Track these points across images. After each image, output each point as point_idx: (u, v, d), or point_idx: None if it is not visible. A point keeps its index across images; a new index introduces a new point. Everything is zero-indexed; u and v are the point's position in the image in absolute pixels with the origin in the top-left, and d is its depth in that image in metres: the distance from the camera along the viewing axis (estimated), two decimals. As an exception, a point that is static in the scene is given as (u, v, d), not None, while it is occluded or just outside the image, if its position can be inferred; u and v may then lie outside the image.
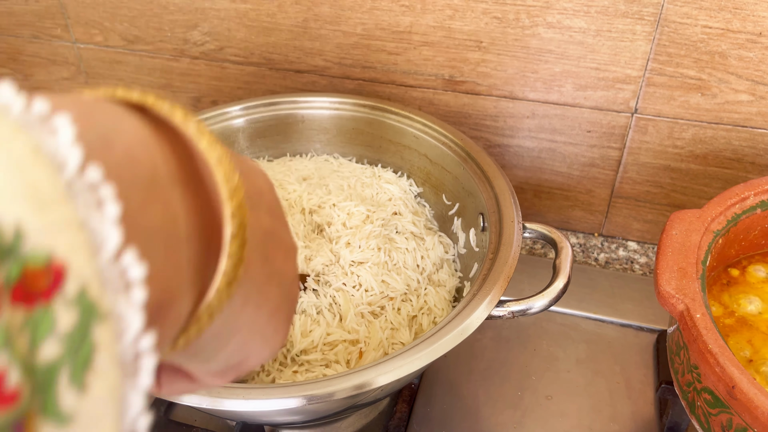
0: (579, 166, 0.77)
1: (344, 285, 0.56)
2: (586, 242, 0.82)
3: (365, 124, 0.70)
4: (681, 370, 0.50)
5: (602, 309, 0.72)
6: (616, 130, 0.73)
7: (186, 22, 0.80)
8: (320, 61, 0.78)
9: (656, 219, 0.79)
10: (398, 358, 0.43)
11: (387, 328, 0.53)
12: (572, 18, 0.66)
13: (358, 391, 0.42)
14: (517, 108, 0.75)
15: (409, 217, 0.64)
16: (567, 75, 0.70)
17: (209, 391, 0.42)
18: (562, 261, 0.50)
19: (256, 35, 0.78)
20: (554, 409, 0.63)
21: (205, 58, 0.82)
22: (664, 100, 0.69)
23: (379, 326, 0.53)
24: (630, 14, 0.65)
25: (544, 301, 0.47)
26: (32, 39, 0.88)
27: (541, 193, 0.81)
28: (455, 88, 0.75)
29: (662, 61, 0.67)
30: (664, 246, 0.50)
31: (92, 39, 0.85)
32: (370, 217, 0.61)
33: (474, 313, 0.45)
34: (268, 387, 0.42)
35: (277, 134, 0.71)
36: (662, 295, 0.47)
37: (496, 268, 0.49)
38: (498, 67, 0.72)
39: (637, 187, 0.77)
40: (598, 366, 0.67)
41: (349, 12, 0.73)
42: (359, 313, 0.54)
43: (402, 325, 0.55)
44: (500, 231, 0.53)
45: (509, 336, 0.70)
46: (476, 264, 0.59)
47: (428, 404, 0.63)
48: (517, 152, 0.79)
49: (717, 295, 0.56)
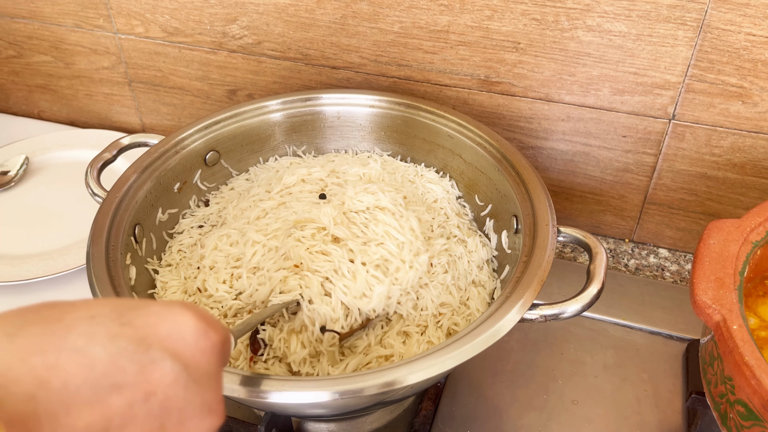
0: (612, 170, 0.77)
1: (399, 304, 0.55)
2: (616, 248, 0.82)
3: (400, 122, 0.70)
4: (714, 381, 0.49)
5: (631, 315, 0.72)
6: (653, 135, 0.72)
7: (225, 16, 0.81)
8: (356, 58, 0.78)
9: (689, 227, 0.78)
10: (429, 358, 0.43)
11: (423, 342, 0.53)
12: (613, 22, 0.66)
13: (388, 388, 0.42)
14: (552, 110, 0.74)
15: (454, 220, 0.64)
16: (604, 79, 0.70)
17: (245, 380, 0.42)
18: (596, 267, 0.49)
19: (294, 30, 0.79)
20: (580, 414, 0.63)
21: (242, 52, 0.83)
22: (703, 107, 0.68)
23: (416, 340, 0.53)
24: (672, 19, 0.64)
25: (577, 306, 0.47)
26: (75, 28, 0.90)
27: (572, 196, 0.81)
28: (490, 88, 0.75)
29: (703, 67, 0.66)
30: (702, 255, 0.50)
31: (133, 30, 0.87)
32: (432, 228, 0.61)
33: (506, 316, 0.45)
34: (302, 380, 0.43)
35: (312, 129, 0.72)
36: (698, 304, 0.47)
37: (529, 272, 0.49)
38: (535, 68, 0.72)
39: (671, 194, 0.76)
40: (625, 373, 0.66)
41: (388, 10, 0.73)
42: (402, 332, 0.55)
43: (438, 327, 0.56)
44: (534, 234, 0.53)
45: (536, 338, 0.69)
46: (508, 266, 0.59)
47: (453, 403, 0.63)
48: (550, 155, 0.78)
49: (753, 306, 0.55)
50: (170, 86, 0.91)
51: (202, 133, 0.67)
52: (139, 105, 0.96)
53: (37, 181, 0.90)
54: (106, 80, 0.95)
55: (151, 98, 0.94)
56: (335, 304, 0.51)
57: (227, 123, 0.68)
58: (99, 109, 0.99)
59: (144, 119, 0.97)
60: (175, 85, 0.91)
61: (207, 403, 0.31)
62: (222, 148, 0.69)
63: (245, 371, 0.45)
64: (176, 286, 0.59)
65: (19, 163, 0.90)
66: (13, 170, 0.90)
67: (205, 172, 0.68)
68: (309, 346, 0.51)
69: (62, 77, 0.97)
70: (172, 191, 0.65)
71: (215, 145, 0.68)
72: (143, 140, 0.67)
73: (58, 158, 0.93)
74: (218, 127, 0.68)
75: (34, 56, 0.96)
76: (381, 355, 0.52)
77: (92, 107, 0.99)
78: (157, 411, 0.28)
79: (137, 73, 0.92)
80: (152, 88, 0.92)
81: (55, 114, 1.03)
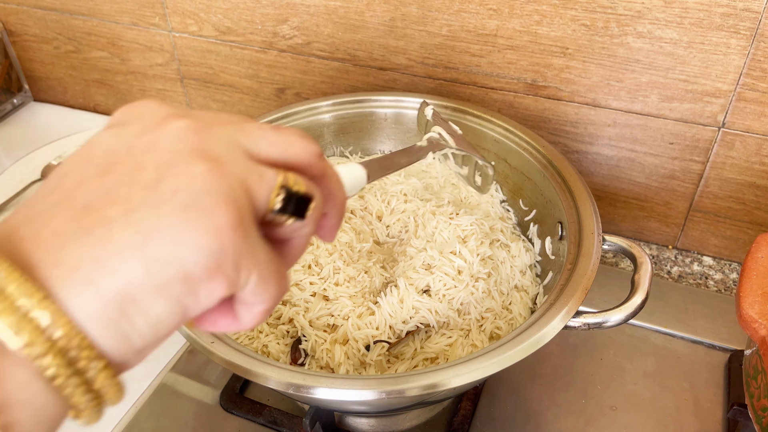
0: (658, 177, 0.76)
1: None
2: (659, 254, 0.81)
3: (446, 126, 0.71)
4: (757, 394, 0.49)
5: (673, 323, 0.71)
6: (701, 143, 0.72)
7: (277, 16, 0.82)
8: (403, 60, 0.80)
9: (736, 236, 0.77)
10: (473, 362, 0.44)
11: (467, 345, 0.55)
12: (664, 29, 0.65)
13: (431, 390, 0.44)
14: (598, 116, 0.74)
15: (498, 224, 0.65)
16: (653, 86, 0.70)
17: (294, 375, 0.44)
18: (641, 277, 0.50)
19: (343, 32, 0.80)
20: (619, 421, 0.63)
21: (292, 52, 0.85)
22: (754, 116, 0.68)
23: (460, 343, 0.55)
24: (725, 27, 0.63)
25: (621, 315, 0.48)
26: (131, 26, 0.93)
27: (616, 201, 0.81)
28: (537, 92, 0.75)
29: (756, 76, 0.65)
30: (749, 269, 0.50)
31: (187, 28, 0.89)
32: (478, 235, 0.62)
33: (550, 324, 0.46)
34: (349, 378, 0.44)
35: (360, 131, 0.73)
36: (744, 318, 0.47)
37: (574, 280, 0.49)
38: (582, 74, 0.72)
39: (717, 202, 0.75)
40: (666, 381, 0.66)
41: (436, 13, 0.74)
42: (445, 335, 0.56)
43: (481, 331, 0.57)
44: (579, 242, 0.53)
45: (576, 343, 0.70)
46: (551, 272, 0.60)
47: (492, 404, 0.64)
48: (594, 159, 0.78)
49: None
50: (220, 83, 0.93)
51: (254, 133, 0.69)
52: (190, 101, 0.98)
53: (92, 173, 0.94)
54: (159, 76, 0.98)
55: (202, 95, 0.97)
56: (379, 322, 0.53)
57: (279, 123, 0.70)
58: (152, 103, 1.02)
59: (194, 115, 1.00)
60: (225, 83, 0.93)
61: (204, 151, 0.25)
62: (273, 148, 0.71)
63: (293, 367, 0.47)
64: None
65: (76, 155, 0.94)
66: (70, 162, 0.94)
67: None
68: (353, 357, 0.53)
69: (118, 72, 1.01)
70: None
71: (266, 145, 0.70)
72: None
73: (112, 151, 0.97)
74: (270, 127, 0.70)
75: (92, 52, 1.00)
76: (426, 357, 0.54)
77: (145, 102, 1.03)
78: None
79: (189, 70, 0.94)
80: (203, 85, 0.95)
81: (110, 108, 1.07)
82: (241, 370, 0.44)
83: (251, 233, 0.25)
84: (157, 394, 0.66)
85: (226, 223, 0.23)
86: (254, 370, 0.44)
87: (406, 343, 0.55)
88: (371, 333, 0.53)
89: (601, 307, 0.71)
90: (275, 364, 0.45)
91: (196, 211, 0.23)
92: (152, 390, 0.66)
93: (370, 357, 0.53)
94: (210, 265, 0.23)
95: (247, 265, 0.25)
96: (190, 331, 0.47)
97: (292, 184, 0.26)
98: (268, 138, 0.27)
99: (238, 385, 0.65)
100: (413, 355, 0.55)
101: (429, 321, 0.55)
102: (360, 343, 0.53)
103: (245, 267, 0.24)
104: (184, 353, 0.70)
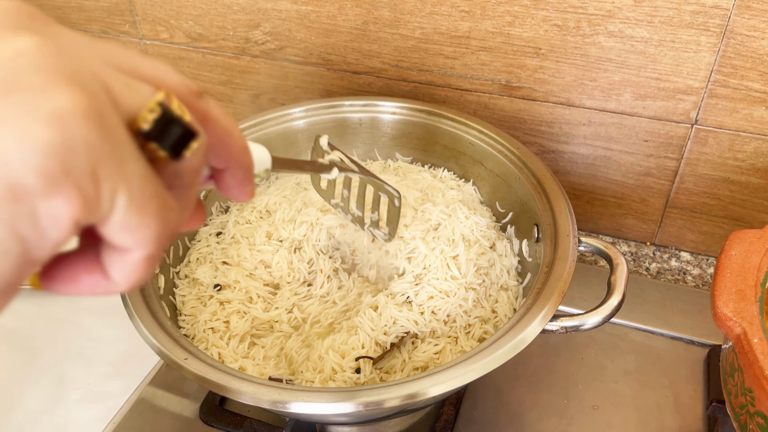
0: (634, 174, 0.77)
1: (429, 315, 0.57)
2: (638, 251, 0.82)
3: (422, 129, 0.71)
4: (734, 391, 0.50)
5: (652, 320, 0.72)
6: (675, 140, 0.72)
7: (248, 22, 0.82)
8: (377, 63, 0.79)
9: (712, 231, 0.78)
10: (451, 370, 0.44)
11: (456, 352, 0.54)
12: (635, 27, 0.66)
13: (410, 400, 0.43)
14: (573, 115, 0.74)
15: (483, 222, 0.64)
16: (626, 84, 0.70)
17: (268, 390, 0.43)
18: (617, 278, 0.50)
19: (316, 36, 0.80)
20: (600, 420, 0.63)
21: (265, 57, 0.84)
22: (726, 112, 0.68)
23: (449, 350, 0.54)
24: (695, 25, 0.64)
25: (598, 318, 0.48)
26: (101, 34, 0.92)
27: (594, 200, 0.81)
28: (511, 93, 0.75)
29: (726, 73, 0.66)
30: (723, 267, 0.50)
31: (158, 36, 0.88)
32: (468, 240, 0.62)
33: (527, 328, 0.46)
34: (325, 391, 0.44)
35: (336, 136, 0.73)
36: (719, 317, 0.47)
37: (550, 283, 0.49)
38: (556, 74, 0.72)
39: (693, 198, 0.76)
40: (646, 378, 0.66)
41: (409, 16, 0.73)
42: (433, 343, 0.56)
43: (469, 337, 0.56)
44: (555, 244, 0.53)
45: (557, 343, 0.70)
46: (529, 274, 0.59)
47: (474, 408, 0.64)
48: (571, 159, 0.78)
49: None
50: (194, 90, 0.92)
51: (227, 142, 0.68)
52: (164, 108, 0.97)
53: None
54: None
55: (176, 102, 0.95)
56: (363, 340, 0.53)
57: (252, 131, 0.69)
58: (125, 112, 1.01)
59: (169, 122, 0.99)
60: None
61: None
62: (246, 156, 0.70)
63: (267, 381, 0.46)
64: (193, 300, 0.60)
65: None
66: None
67: (230, 179, 0.69)
68: (349, 382, 0.52)
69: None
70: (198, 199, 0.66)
71: (240, 153, 0.69)
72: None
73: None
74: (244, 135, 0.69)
75: (62, 61, 0.98)
76: (416, 367, 0.53)
77: (118, 111, 1.01)
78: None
79: (162, 78, 0.93)
80: (177, 92, 0.94)
81: (82, 117, 1.05)
82: (215, 386, 0.44)
83: (115, 132, 0.18)
84: (135, 409, 0.65)
85: (69, 107, 0.17)
86: (229, 385, 0.43)
87: (393, 355, 0.54)
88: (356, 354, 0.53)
89: (581, 306, 0.72)
90: (251, 379, 0.44)
91: (23, 92, 0.17)
92: (130, 405, 0.65)
93: (363, 375, 0.52)
94: (48, 167, 0.16)
95: (110, 175, 0.18)
96: (162, 347, 0.46)
97: (175, 107, 0.21)
98: (142, 63, 0.22)
99: (217, 397, 0.64)
100: (402, 366, 0.54)
101: (409, 329, 0.55)
102: (348, 372, 0.52)
103: (107, 178, 0.18)
104: (162, 366, 0.69)
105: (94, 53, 0.20)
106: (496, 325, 0.57)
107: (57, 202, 0.16)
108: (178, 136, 0.21)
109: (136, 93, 0.19)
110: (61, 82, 0.17)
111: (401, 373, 0.53)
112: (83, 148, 0.17)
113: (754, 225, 0.75)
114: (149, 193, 0.19)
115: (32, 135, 0.16)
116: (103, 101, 0.18)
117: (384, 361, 0.54)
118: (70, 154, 0.16)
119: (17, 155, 0.16)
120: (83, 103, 0.17)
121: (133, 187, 0.18)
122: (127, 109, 0.19)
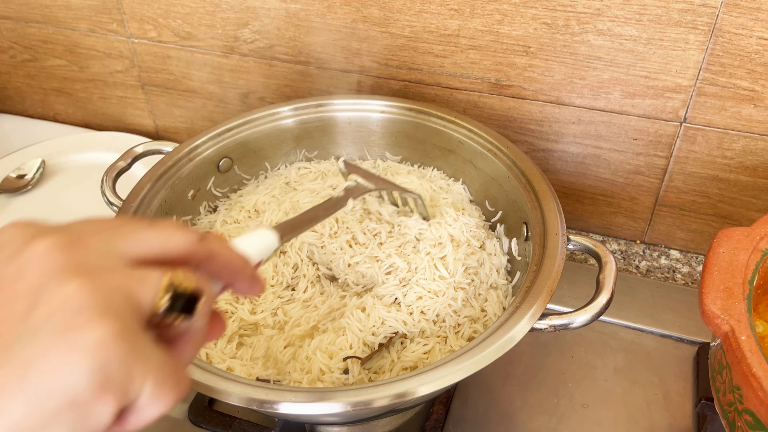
0: (623, 173, 0.77)
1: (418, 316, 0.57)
2: (627, 249, 0.82)
3: (411, 128, 0.71)
4: (723, 389, 0.50)
5: (642, 318, 0.72)
6: (664, 138, 0.72)
7: (237, 20, 0.81)
8: (367, 62, 0.79)
9: (701, 228, 0.78)
10: (440, 369, 0.44)
11: (445, 352, 0.54)
12: (623, 26, 0.66)
13: (398, 399, 0.43)
14: (562, 113, 0.74)
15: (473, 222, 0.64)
16: (615, 82, 0.70)
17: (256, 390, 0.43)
18: (605, 276, 0.50)
19: (305, 34, 0.79)
20: (590, 418, 0.63)
21: (254, 56, 0.84)
22: (714, 111, 0.68)
23: (438, 350, 0.54)
24: (684, 23, 0.64)
25: (587, 316, 0.48)
26: (89, 32, 0.91)
27: (583, 198, 0.81)
28: (501, 91, 0.75)
29: (715, 71, 0.66)
30: (711, 264, 0.50)
31: (146, 34, 0.87)
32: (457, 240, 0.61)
33: (516, 327, 0.46)
34: (313, 391, 0.44)
35: (324, 135, 0.73)
36: (707, 314, 0.47)
37: (539, 282, 0.49)
38: (545, 72, 0.72)
39: (682, 196, 0.76)
40: (636, 376, 0.67)
41: (398, 14, 0.73)
42: (422, 343, 0.55)
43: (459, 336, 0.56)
44: (544, 243, 0.53)
45: (547, 342, 0.70)
46: (519, 272, 0.59)
47: (464, 406, 0.64)
48: (561, 157, 0.78)
49: (762, 313, 0.55)
50: (183, 89, 0.92)
51: (215, 141, 0.68)
52: (153, 108, 0.97)
53: (53, 184, 0.91)
54: (119, 83, 0.96)
55: (165, 101, 0.95)
56: (351, 340, 0.53)
57: (240, 130, 0.69)
58: (113, 111, 1.00)
59: (158, 122, 0.98)
60: (188, 89, 0.91)
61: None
62: (235, 155, 0.69)
63: (254, 381, 0.46)
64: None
65: (35, 166, 0.92)
66: (30, 174, 0.91)
67: (218, 178, 0.69)
68: (338, 383, 0.52)
69: (77, 81, 0.98)
70: (186, 199, 0.66)
71: (228, 152, 0.69)
72: (157, 147, 0.68)
73: (73, 161, 0.95)
74: (231, 134, 0.69)
75: (49, 60, 0.97)
76: (405, 367, 0.53)
77: (106, 110, 1.01)
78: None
79: (150, 77, 0.93)
80: (165, 91, 0.93)
81: (70, 117, 1.04)
82: (202, 388, 0.43)
83: (139, 340, 0.25)
84: (123, 411, 0.64)
85: (105, 336, 0.23)
86: (216, 386, 0.43)
87: (381, 355, 0.54)
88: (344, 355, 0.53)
89: (571, 305, 0.72)
90: (238, 380, 0.44)
91: (73, 331, 0.23)
92: (118, 406, 0.64)
93: (352, 375, 0.52)
94: (95, 383, 0.23)
95: (140, 373, 0.24)
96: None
97: (179, 283, 0.27)
98: (145, 237, 0.28)
99: (206, 398, 0.64)
100: (391, 366, 0.54)
101: (398, 329, 0.55)
102: (336, 373, 0.52)
103: (137, 376, 0.24)
104: (151, 367, 0.68)
105: (107, 249, 0.27)
106: (485, 324, 0.57)
107: (103, 403, 0.23)
108: (187, 302, 0.27)
109: (149, 285, 0.26)
110: (97, 316, 0.23)
111: (390, 373, 0.53)
112: (117, 362, 0.23)
113: (742, 222, 0.75)
114: (167, 374, 0.25)
115: (82, 363, 0.22)
116: (128, 317, 0.24)
117: (372, 362, 0.53)
118: (109, 369, 0.23)
119: (73, 379, 0.22)
120: (113, 329, 0.23)
121: (156, 374, 0.25)
122: (146, 303, 0.25)
